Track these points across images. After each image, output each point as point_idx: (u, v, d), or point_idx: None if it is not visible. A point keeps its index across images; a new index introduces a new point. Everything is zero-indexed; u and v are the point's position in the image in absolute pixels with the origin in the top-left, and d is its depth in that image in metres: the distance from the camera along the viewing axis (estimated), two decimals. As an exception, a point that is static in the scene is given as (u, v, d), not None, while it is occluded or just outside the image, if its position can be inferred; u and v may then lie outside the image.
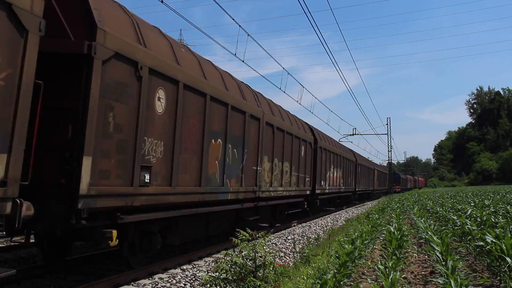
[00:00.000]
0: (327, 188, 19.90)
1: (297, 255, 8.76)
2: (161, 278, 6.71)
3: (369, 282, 5.10)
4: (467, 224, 8.96)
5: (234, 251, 5.84)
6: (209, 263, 8.07)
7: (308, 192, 16.72)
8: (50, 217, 5.20)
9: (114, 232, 5.71)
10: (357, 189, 29.93)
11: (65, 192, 5.16)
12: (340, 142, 29.52)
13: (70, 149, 5.22)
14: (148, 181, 6.47)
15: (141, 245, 7.08)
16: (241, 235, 5.77)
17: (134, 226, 6.63)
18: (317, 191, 17.73)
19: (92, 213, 5.45)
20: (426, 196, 34.75)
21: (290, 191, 14.24)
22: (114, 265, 7.72)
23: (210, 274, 5.58)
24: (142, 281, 6.47)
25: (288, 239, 11.41)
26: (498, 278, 5.96)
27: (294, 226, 15.16)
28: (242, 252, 5.77)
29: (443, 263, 5.83)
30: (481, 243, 6.80)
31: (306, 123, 17.95)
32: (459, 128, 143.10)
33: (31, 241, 6.36)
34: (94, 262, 7.88)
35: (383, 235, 9.47)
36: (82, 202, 5.17)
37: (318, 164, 17.72)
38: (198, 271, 7.28)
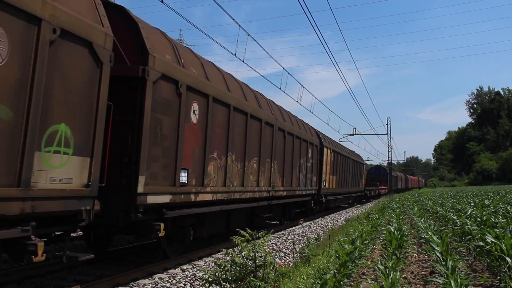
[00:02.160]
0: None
1: (297, 255, 8.76)
2: (161, 278, 6.71)
3: (369, 282, 5.10)
4: (467, 224, 8.96)
5: (234, 251, 5.85)
6: (209, 263, 8.07)
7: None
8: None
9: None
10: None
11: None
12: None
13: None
14: None
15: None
16: (241, 235, 5.77)
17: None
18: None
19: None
20: (426, 196, 34.74)
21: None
22: (115, 265, 7.73)
23: (210, 274, 5.59)
24: (142, 281, 6.47)
25: (288, 239, 11.42)
26: (498, 278, 5.96)
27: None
28: (242, 252, 5.77)
29: (443, 263, 5.83)
30: (481, 243, 6.80)
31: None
32: (459, 128, 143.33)
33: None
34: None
35: (383, 235, 9.47)
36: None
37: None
38: (198, 271, 7.28)
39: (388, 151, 59.28)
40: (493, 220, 10.14)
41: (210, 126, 8.38)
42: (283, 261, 8.78)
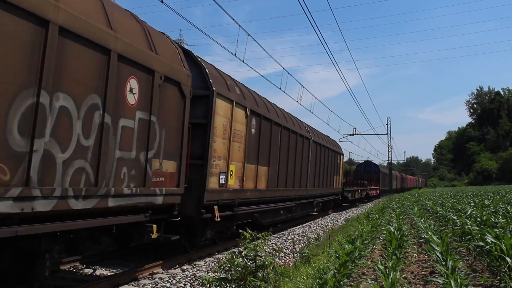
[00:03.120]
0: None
1: (297, 255, 8.76)
2: (161, 278, 6.71)
3: (369, 282, 5.10)
4: (467, 224, 8.95)
5: (234, 251, 5.85)
6: (209, 263, 8.08)
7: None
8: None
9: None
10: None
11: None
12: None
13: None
14: None
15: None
16: (243, 235, 5.78)
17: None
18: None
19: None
20: (426, 196, 34.73)
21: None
22: (115, 265, 7.72)
23: (209, 274, 5.60)
24: (142, 281, 6.47)
25: (288, 239, 11.42)
26: (498, 278, 5.96)
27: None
28: (242, 252, 5.78)
29: (443, 263, 5.83)
30: (481, 243, 6.80)
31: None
32: (459, 128, 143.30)
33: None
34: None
35: (383, 235, 9.47)
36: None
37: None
38: (198, 271, 7.28)
39: (388, 151, 59.32)
40: (493, 220, 10.13)
41: None
42: (283, 261, 8.78)
